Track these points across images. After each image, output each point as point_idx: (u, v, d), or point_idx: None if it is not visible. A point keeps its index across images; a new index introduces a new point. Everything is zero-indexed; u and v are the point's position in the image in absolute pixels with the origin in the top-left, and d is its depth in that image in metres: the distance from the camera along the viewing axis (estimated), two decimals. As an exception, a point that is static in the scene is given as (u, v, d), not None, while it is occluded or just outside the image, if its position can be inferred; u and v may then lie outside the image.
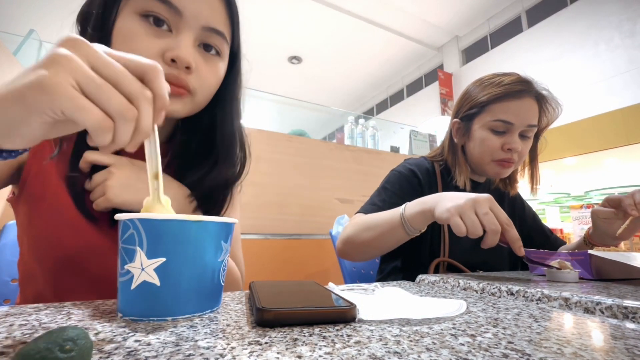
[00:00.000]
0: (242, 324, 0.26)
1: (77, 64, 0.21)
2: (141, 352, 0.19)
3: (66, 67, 0.21)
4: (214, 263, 0.29)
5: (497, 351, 0.20)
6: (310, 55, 5.72)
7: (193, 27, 0.41)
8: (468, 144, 0.82)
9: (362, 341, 0.22)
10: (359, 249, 0.72)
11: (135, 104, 0.23)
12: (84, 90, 0.21)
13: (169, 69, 0.39)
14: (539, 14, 4.41)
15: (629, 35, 3.47)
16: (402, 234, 0.64)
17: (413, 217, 0.61)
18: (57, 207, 0.42)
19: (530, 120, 0.76)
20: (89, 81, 0.21)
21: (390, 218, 0.65)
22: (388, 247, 0.69)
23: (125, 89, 0.23)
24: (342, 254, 0.76)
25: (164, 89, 0.25)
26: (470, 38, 5.36)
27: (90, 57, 0.22)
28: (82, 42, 0.22)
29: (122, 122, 0.22)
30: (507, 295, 0.42)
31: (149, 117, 0.24)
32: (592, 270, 0.52)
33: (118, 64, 0.23)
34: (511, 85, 0.76)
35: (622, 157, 3.24)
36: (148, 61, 0.25)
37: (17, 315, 0.27)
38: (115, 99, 0.22)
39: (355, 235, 0.70)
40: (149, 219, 0.26)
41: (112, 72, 0.22)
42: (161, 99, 0.25)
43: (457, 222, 0.52)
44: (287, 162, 1.52)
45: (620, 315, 0.31)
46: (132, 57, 0.24)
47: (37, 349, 0.15)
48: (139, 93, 0.23)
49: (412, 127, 2.44)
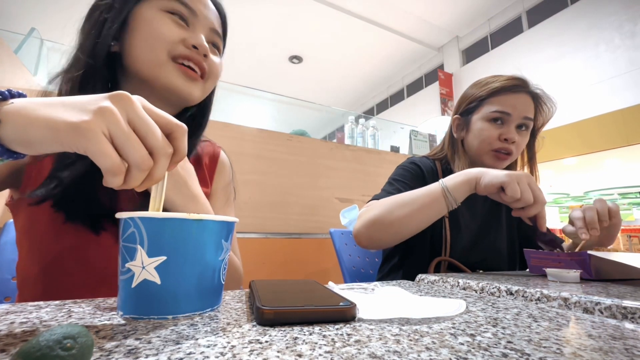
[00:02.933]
0: (242, 322, 0.26)
1: (115, 116, 0.24)
2: (142, 350, 0.19)
3: (105, 117, 0.24)
4: (215, 262, 0.29)
5: (497, 351, 0.21)
6: (311, 55, 5.72)
7: (204, 26, 0.50)
8: (467, 137, 0.85)
9: (362, 340, 0.22)
10: (389, 229, 0.67)
11: (154, 157, 0.26)
12: (114, 138, 0.24)
13: (189, 51, 0.47)
14: (540, 14, 4.41)
15: (629, 36, 3.47)
16: (442, 206, 0.64)
17: (456, 187, 0.63)
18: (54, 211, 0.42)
19: (527, 113, 0.79)
20: (120, 132, 0.24)
21: (428, 191, 0.65)
22: (425, 223, 0.66)
23: (150, 143, 0.26)
24: (366, 239, 0.70)
25: (185, 146, 0.29)
26: (471, 38, 5.36)
27: (129, 111, 0.25)
28: (126, 97, 0.26)
29: (136, 170, 0.25)
30: (507, 295, 0.42)
31: (162, 170, 0.27)
32: (592, 270, 0.52)
33: (151, 121, 0.26)
34: (508, 81, 0.80)
35: (622, 158, 3.24)
36: (176, 122, 0.28)
37: (18, 313, 0.27)
38: (138, 150, 0.25)
39: (386, 214, 0.67)
40: (150, 217, 0.26)
41: (144, 126, 0.26)
42: (180, 155, 0.28)
43: (515, 187, 0.58)
44: (288, 162, 1.52)
45: (619, 316, 0.31)
46: (165, 115, 0.28)
47: (38, 346, 0.15)
48: (161, 148, 0.26)
49: (412, 127, 2.45)
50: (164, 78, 0.46)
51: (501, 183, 0.59)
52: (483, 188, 0.61)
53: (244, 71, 5.77)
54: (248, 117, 2.21)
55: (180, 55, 0.46)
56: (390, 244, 0.71)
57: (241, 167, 1.37)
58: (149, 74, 0.46)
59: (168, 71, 0.46)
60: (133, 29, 0.46)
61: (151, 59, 0.45)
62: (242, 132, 1.43)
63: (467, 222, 0.83)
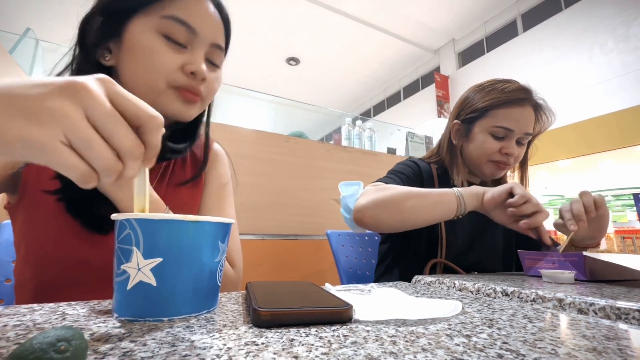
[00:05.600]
0: (238, 324, 0.26)
1: (70, 118, 0.21)
2: (137, 352, 0.19)
3: (59, 122, 0.21)
4: (211, 263, 0.29)
5: (492, 351, 0.21)
6: (308, 56, 5.73)
7: (204, 44, 0.47)
8: (467, 145, 0.85)
9: (358, 341, 0.22)
10: (399, 214, 0.67)
11: (123, 160, 0.23)
12: (73, 145, 0.21)
13: (187, 80, 0.46)
14: (535, 17, 4.45)
15: (623, 40, 3.52)
16: (452, 209, 0.66)
17: (470, 196, 0.66)
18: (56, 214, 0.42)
19: (528, 129, 0.79)
20: (79, 139, 0.21)
21: (443, 191, 0.67)
22: (432, 220, 0.68)
23: (116, 144, 0.23)
24: (369, 217, 0.69)
25: (157, 142, 0.25)
26: (467, 41, 5.40)
27: (88, 108, 0.22)
28: (83, 88, 0.22)
29: (105, 177, 0.23)
30: (502, 296, 0.42)
31: (132, 172, 0.24)
32: (586, 271, 0.52)
33: (114, 115, 0.23)
34: (514, 93, 0.78)
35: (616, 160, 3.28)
36: (149, 111, 0.24)
37: (11, 316, 0.26)
38: (102, 156, 0.22)
39: (399, 199, 0.67)
40: (146, 219, 0.26)
41: (107, 125, 0.22)
42: (153, 149, 0.25)
43: (523, 190, 0.61)
44: (284, 163, 1.52)
45: (613, 316, 0.32)
46: (135, 102, 0.24)
47: (31, 349, 0.15)
48: (128, 151, 0.23)
49: (409, 129, 2.45)
50: (162, 105, 0.45)
51: (509, 189, 0.62)
52: (490, 198, 0.64)
53: (241, 73, 5.77)
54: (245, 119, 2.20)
55: (179, 85, 0.45)
56: (391, 229, 0.71)
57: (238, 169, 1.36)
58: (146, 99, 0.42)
59: (166, 98, 0.45)
60: (128, 49, 0.44)
61: (149, 86, 0.44)
62: (239, 133, 1.43)
63: (463, 223, 0.83)
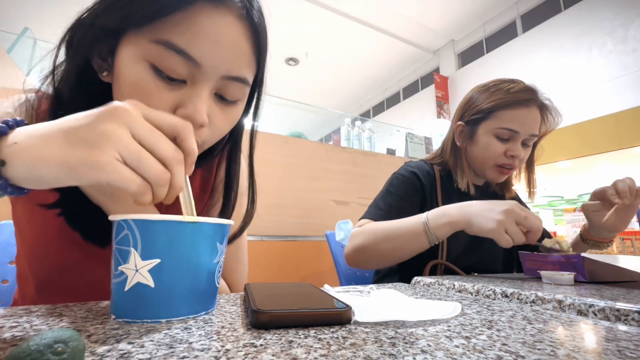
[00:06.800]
0: (237, 325, 0.26)
1: (122, 138, 0.24)
2: (134, 354, 0.19)
3: (114, 143, 0.24)
4: (209, 264, 0.29)
5: (492, 353, 0.21)
6: (308, 56, 5.73)
7: (211, 77, 0.35)
8: (471, 147, 0.83)
9: (357, 343, 0.22)
10: (375, 259, 0.71)
11: (169, 168, 0.26)
12: (127, 161, 0.24)
13: None
14: (534, 19, 4.46)
15: (621, 41, 3.53)
16: (424, 243, 0.65)
17: (439, 227, 0.63)
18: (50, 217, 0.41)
19: (534, 130, 0.77)
20: (132, 154, 0.24)
21: (411, 228, 0.66)
22: (408, 256, 0.69)
23: (160, 155, 0.26)
24: (353, 263, 0.75)
25: (194, 146, 0.28)
26: (466, 42, 5.40)
27: (132, 126, 0.25)
28: (124, 111, 0.25)
29: (158, 187, 0.25)
30: (502, 298, 0.42)
31: (180, 178, 0.27)
32: (586, 272, 0.52)
33: (155, 131, 0.26)
34: (519, 94, 0.77)
35: (615, 161, 3.28)
36: (180, 122, 0.28)
37: (8, 317, 0.26)
38: (152, 167, 0.25)
39: (371, 245, 0.70)
40: (144, 219, 0.26)
41: (150, 139, 0.25)
42: (191, 156, 0.28)
43: (506, 237, 0.57)
44: (283, 164, 1.52)
45: (612, 318, 0.32)
46: (166, 119, 0.27)
47: (28, 351, 0.15)
48: (171, 158, 0.26)
49: (408, 130, 2.46)
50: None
51: (491, 235, 0.58)
52: (479, 234, 0.61)
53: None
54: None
55: None
56: (379, 267, 0.76)
57: (237, 169, 1.36)
58: None
59: None
60: (116, 77, 0.35)
61: None
62: (238, 133, 1.42)
63: None
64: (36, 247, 0.42)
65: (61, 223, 0.40)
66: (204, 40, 0.33)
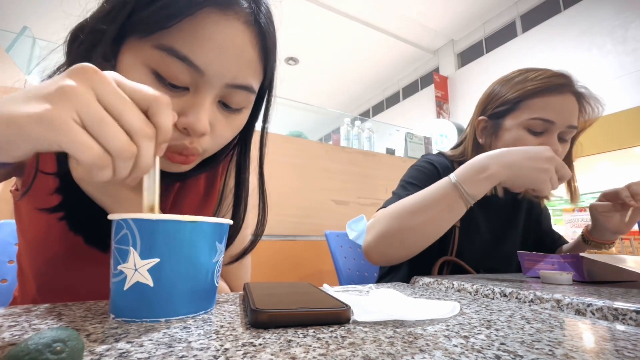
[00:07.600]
0: (236, 325, 0.26)
1: (83, 97, 0.21)
2: (133, 353, 0.19)
3: (71, 101, 0.20)
4: (208, 264, 0.29)
5: (490, 352, 0.21)
6: (307, 56, 5.73)
7: (215, 86, 0.34)
8: (496, 144, 0.72)
9: (356, 342, 0.22)
10: (404, 244, 0.59)
11: (135, 140, 0.23)
12: (86, 124, 0.21)
13: (179, 137, 0.35)
14: (534, 19, 4.47)
15: (621, 42, 3.53)
16: (460, 208, 0.56)
17: (476, 184, 0.55)
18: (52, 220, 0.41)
19: (572, 120, 0.67)
20: (92, 116, 0.21)
21: (440, 193, 0.56)
22: (442, 230, 0.58)
23: (127, 124, 0.22)
24: (378, 256, 0.62)
25: (168, 123, 0.24)
26: (466, 42, 5.41)
27: (97, 87, 0.22)
28: (91, 70, 0.22)
29: (120, 160, 0.22)
30: (500, 297, 0.42)
31: (148, 155, 0.24)
32: (584, 272, 0.52)
33: (124, 96, 0.22)
34: (551, 79, 0.67)
35: (614, 161, 3.29)
36: (154, 93, 0.24)
37: (7, 317, 0.26)
38: (116, 136, 0.21)
39: (396, 227, 0.58)
40: (143, 219, 0.26)
41: (117, 104, 0.22)
42: (164, 133, 0.24)
43: (549, 187, 0.54)
44: (283, 164, 1.52)
45: (610, 317, 0.32)
46: (139, 88, 0.24)
47: (27, 350, 0.15)
48: (140, 130, 0.23)
49: (408, 130, 2.46)
50: None
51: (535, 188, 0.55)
52: (510, 186, 0.56)
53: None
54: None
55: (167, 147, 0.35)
56: (406, 257, 0.61)
57: (236, 169, 1.36)
58: None
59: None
60: None
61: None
62: (238, 133, 1.42)
63: (479, 226, 0.76)
64: (38, 248, 0.42)
65: (63, 227, 0.39)
66: (209, 48, 0.32)
